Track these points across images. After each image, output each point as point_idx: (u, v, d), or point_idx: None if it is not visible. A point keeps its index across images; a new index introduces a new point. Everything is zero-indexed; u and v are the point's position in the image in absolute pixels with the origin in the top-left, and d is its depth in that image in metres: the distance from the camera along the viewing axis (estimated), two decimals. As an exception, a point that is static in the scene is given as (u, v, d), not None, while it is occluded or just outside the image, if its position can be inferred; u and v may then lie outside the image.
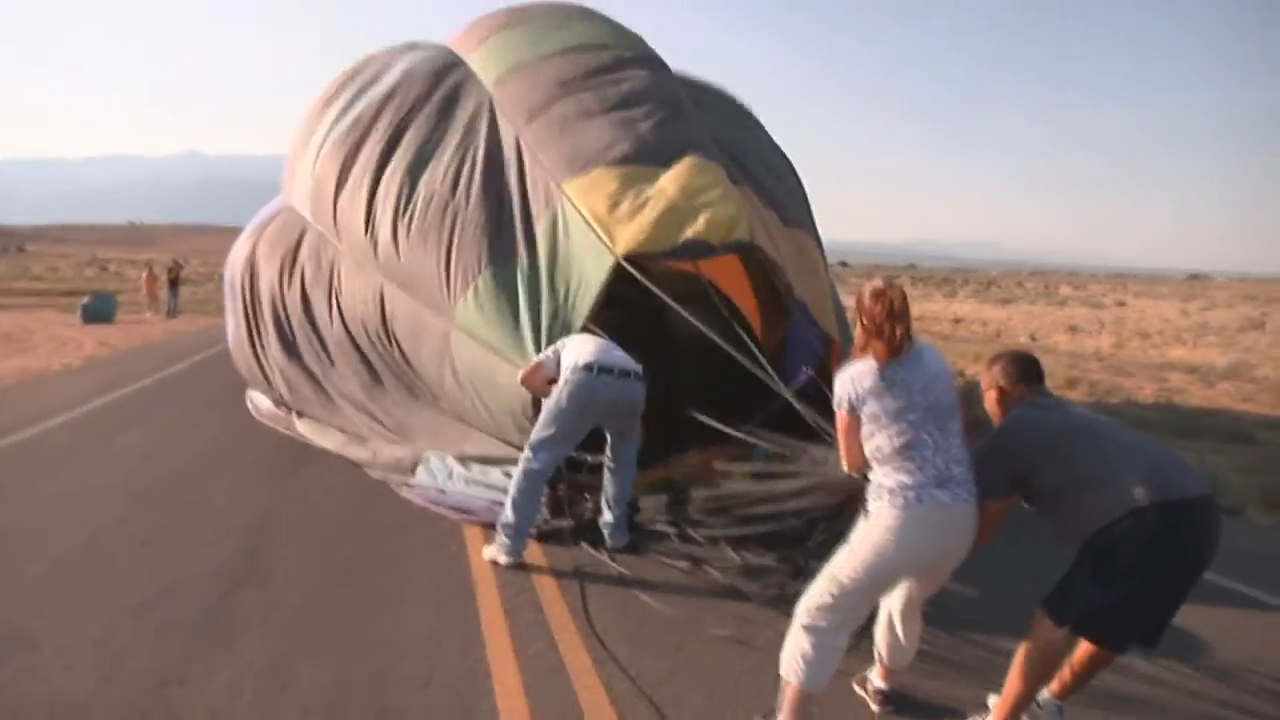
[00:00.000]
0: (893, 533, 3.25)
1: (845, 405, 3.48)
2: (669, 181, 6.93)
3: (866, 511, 3.41)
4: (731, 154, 7.90)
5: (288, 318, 8.46)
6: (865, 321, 3.47)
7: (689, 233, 6.56)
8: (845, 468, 3.66)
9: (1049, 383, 3.84)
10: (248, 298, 8.93)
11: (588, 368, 5.36)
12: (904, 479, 3.29)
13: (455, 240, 7.10)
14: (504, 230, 7.06)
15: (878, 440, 3.38)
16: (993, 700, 3.60)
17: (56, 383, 12.61)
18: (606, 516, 5.76)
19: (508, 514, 5.42)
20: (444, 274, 7.03)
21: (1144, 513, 3.19)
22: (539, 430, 5.47)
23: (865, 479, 3.50)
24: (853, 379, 3.47)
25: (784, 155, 9.33)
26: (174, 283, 28.23)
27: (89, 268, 72.88)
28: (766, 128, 9.56)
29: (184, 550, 5.47)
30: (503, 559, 5.37)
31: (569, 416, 5.39)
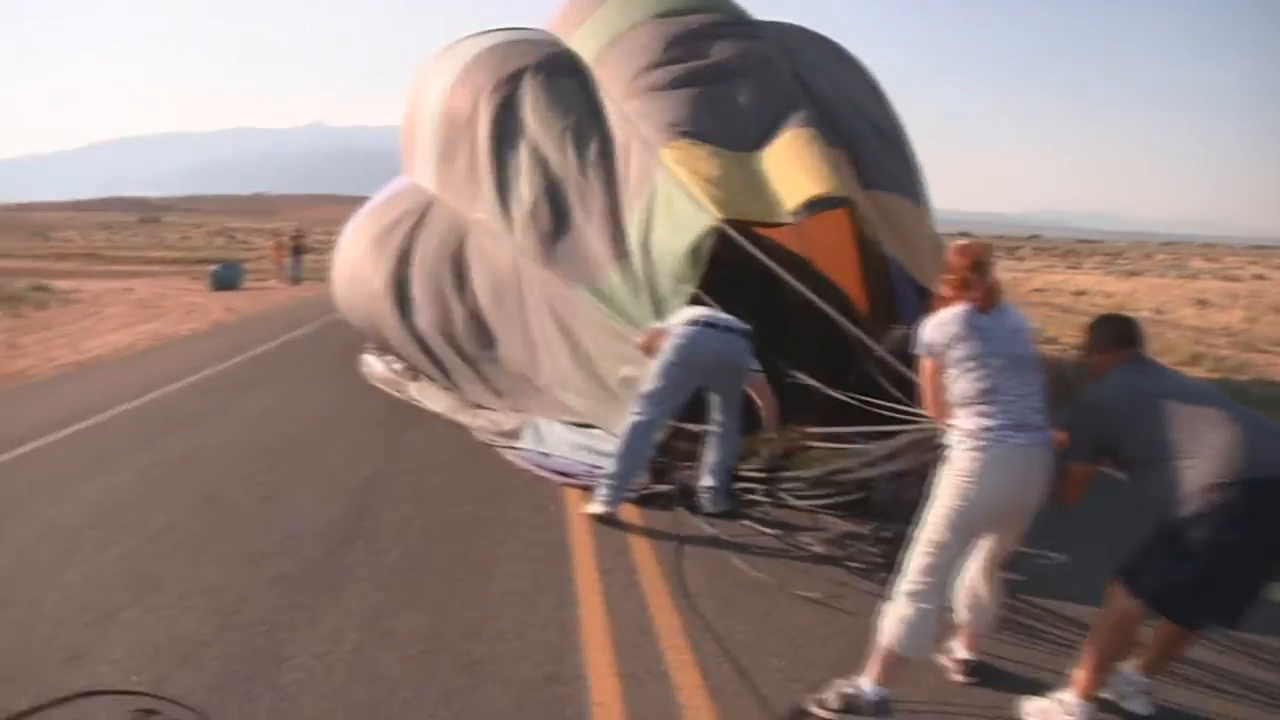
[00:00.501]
0: (973, 476, 3.29)
1: (929, 350, 3.56)
2: (766, 162, 7.07)
3: (947, 458, 3.44)
4: (824, 110, 7.91)
5: (413, 280, 8.80)
6: (951, 276, 3.57)
7: (787, 202, 6.63)
8: (930, 414, 3.73)
9: (1171, 359, 3.79)
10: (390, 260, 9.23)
11: (693, 322, 5.66)
12: (984, 421, 3.33)
13: (585, 225, 7.45)
14: (620, 215, 7.32)
15: (961, 385, 3.44)
16: (1074, 672, 3.54)
17: (185, 346, 13.26)
18: (707, 481, 5.85)
19: (612, 464, 5.64)
20: (576, 257, 7.40)
21: (1229, 489, 3.09)
22: (647, 384, 5.68)
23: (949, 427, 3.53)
24: (938, 324, 3.54)
25: (882, 100, 9.24)
26: (297, 250, 29.15)
27: (218, 237, 75.88)
28: (863, 67, 9.54)
29: (298, 507, 5.74)
30: (599, 509, 5.56)
31: (675, 370, 5.58)
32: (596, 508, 5.58)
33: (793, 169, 7.01)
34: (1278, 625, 4.11)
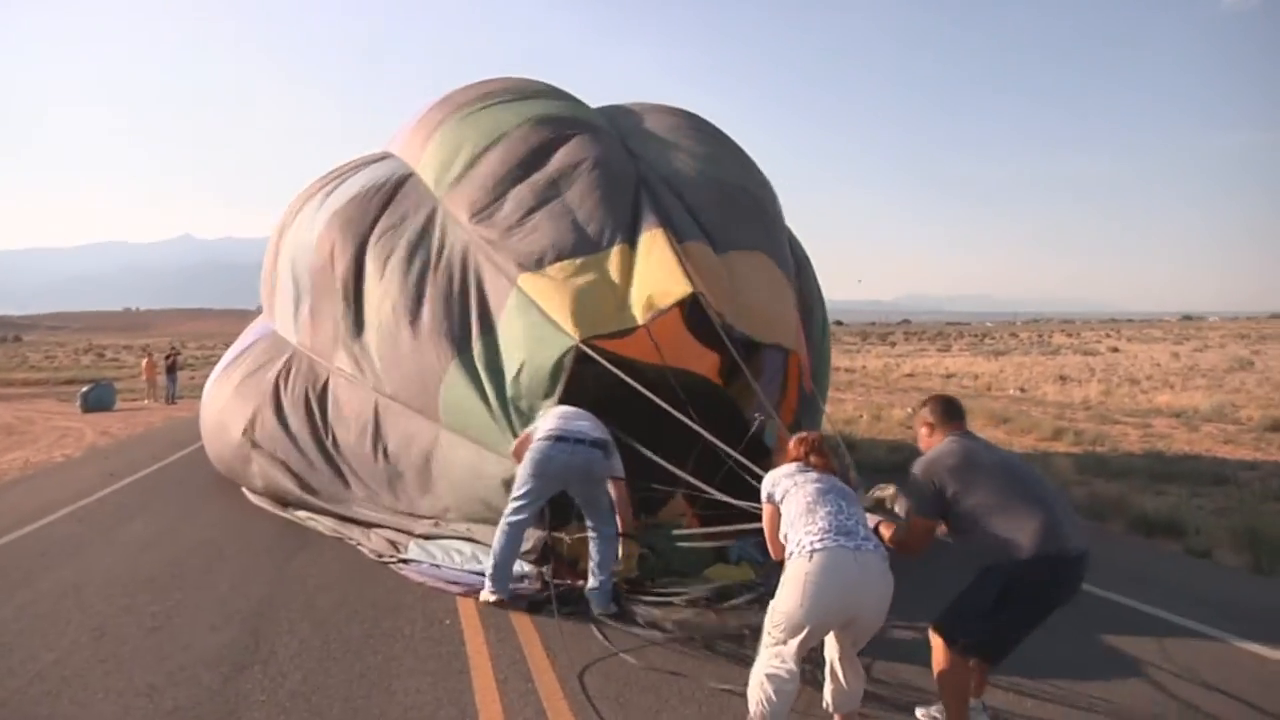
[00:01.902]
0: (800, 585, 3.68)
1: (767, 496, 4.21)
2: (612, 269, 7.52)
3: (783, 569, 3.89)
4: (676, 191, 8.45)
5: (278, 428, 9.14)
6: (790, 459, 4.36)
7: (637, 311, 7.15)
8: (772, 555, 4.29)
9: (1035, 435, 4.47)
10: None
11: (547, 437, 6.18)
12: (810, 530, 3.79)
13: (423, 344, 7.77)
14: (463, 327, 7.68)
15: (790, 510, 3.97)
16: (920, 713, 4.36)
17: (58, 475, 12.86)
18: (592, 583, 6.13)
19: (490, 561, 6.28)
20: (421, 378, 7.74)
21: (1043, 561, 3.79)
22: (513, 494, 6.24)
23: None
24: (774, 472, 4.27)
25: (746, 165, 9.75)
26: (172, 368, 28.51)
27: (85, 355, 73.27)
28: (726, 134, 10.03)
29: (189, 635, 5.71)
30: (491, 597, 6.22)
31: (532, 480, 6.16)
32: (491, 596, 6.22)
33: (640, 273, 7.43)
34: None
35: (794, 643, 3.73)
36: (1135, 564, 7.60)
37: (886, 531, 4.22)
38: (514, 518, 6.20)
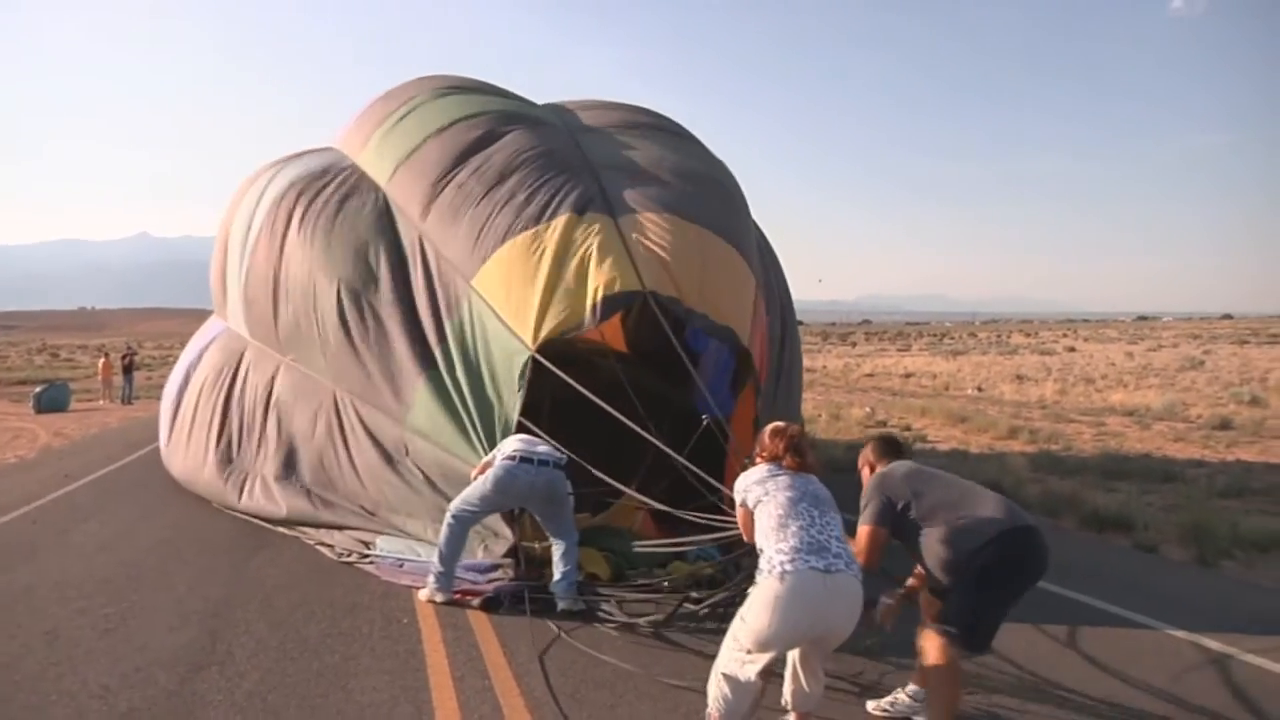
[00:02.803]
0: (771, 606, 3.66)
1: (741, 502, 4.21)
2: (558, 242, 7.48)
3: (754, 583, 3.87)
4: (628, 174, 8.48)
5: (235, 430, 9.24)
6: (765, 455, 4.29)
7: (587, 308, 7.16)
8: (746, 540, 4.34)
9: (991, 434, 4.64)
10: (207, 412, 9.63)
11: (511, 457, 6.33)
12: (782, 549, 3.75)
13: (387, 349, 7.81)
14: (423, 334, 7.70)
15: (762, 522, 3.96)
16: (872, 705, 4.53)
17: (11, 476, 12.67)
18: (557, 575, 6.23)
19: (436, 562, 6.39)
20: (386, 384, 7.76)
21: (1009, 535, 3.96)
22: (461, 502, 6.37)
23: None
24: (745, 477, 4.24)
25: (709, 156, 9.81)
26: (128, 369, 28.15)
27: (39, 355, 72.11)
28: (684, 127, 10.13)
29: (145, 637, 5.67)
30: (438, 597, 6.32)
31: (493, 494, 6.30)
32: (438, 596, 6.32)
33: (590, 266, 7.35)
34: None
35: (761, 656, 3.74)
36: (1086, 559, 7.75)
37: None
38: (461, 514, 6.35)
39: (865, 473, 4.60)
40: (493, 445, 6.82)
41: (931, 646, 4.02)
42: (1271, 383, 25.24)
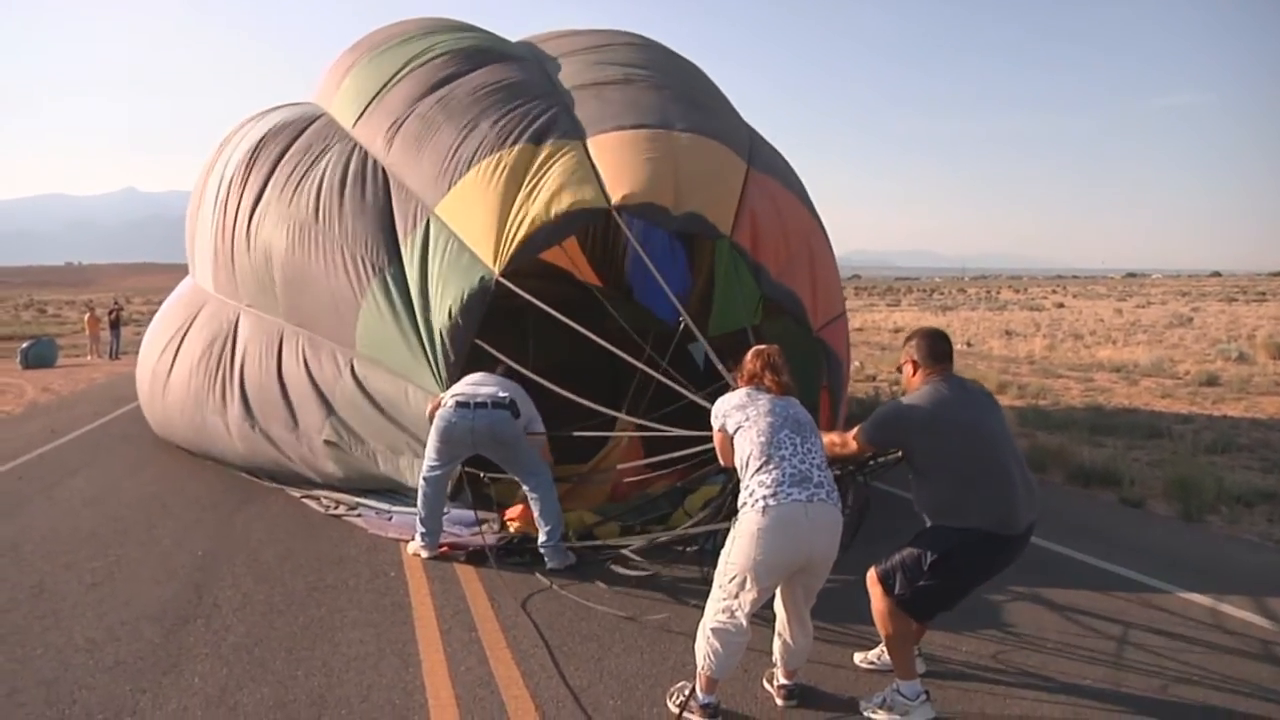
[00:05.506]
0: (754, 538, 3.67)
1: (719, 426, 4.12)
2: (522, 166, 7.39)
3: (735, 520, 3.86)
4: (595, 94, 8.36)
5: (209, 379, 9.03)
6: (744, 378, 4.24)
7: (549, 222, 7.02)
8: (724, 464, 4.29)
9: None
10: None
11: (449, 403, 6.22)
12: (764, 480, 3.74)
13: (337, 263, 7.69)
14: (380, 243, 7.59)
15: (743, 448, 3.91)
16: (859, 657, 4.55)
17: (-2, 431, 12.61)
18: (542, 537, 6.17)
19: (419, 522, 6.38)
20: (334, 303, 7.68)
21: (988, 537, 3.86)
22: (424, 467, 6.31)
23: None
24: (724, 401, 4.16)
25: (674, 62, 9.67)
26: (115, 323, 27.97)
27: (26, 311, 71.66)
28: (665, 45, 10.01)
29: (131, 590, 5.67)
30: (424, 553, 6.34)
31: (440, 446, 6.24)
32: (423, 552, 6.35)
33: (553, 186, 7.19)
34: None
35: (746, 597, 3.74)
36: (1073, 513, 7.78)
37: (832, 437, 4.28)
38: (430, 474, 6.29)
39: (908, 369, 4.24)
40: (434, 355, 6.91)
41: (876, 595, 4.04)
42: (1259, 340, 25.27)
